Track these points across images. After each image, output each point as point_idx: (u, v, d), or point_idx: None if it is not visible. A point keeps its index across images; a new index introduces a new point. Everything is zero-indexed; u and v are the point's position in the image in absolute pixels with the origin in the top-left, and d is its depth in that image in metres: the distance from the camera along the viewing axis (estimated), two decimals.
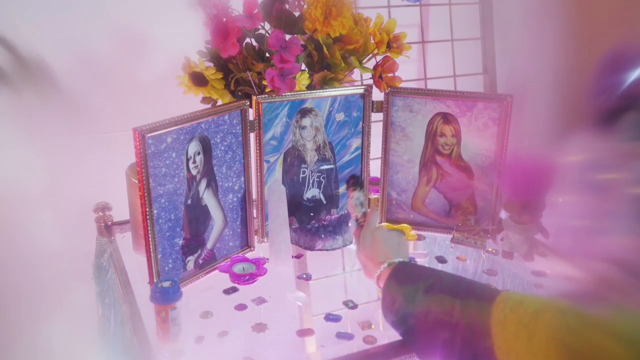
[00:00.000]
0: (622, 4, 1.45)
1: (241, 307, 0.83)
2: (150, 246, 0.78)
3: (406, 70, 1.44)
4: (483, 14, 1.49)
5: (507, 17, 1.58)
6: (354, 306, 0.84)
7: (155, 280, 0.80)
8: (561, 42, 1.58)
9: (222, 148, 0.86)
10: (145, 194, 0.76)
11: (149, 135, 0.75)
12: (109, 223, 1.04)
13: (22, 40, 1.14)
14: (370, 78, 0.97)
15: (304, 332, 0.79)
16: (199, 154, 0.83)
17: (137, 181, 0.87)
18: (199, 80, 0.93)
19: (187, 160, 0.81)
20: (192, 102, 1.00)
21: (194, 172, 0.83)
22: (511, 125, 1.16)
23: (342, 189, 1.01)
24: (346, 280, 0.96)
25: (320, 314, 0.83)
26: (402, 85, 0.99)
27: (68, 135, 1.22)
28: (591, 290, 0.64)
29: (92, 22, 1.27)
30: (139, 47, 1.34)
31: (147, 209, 0.76)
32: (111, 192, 1.13)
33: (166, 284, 0.72)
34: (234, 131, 0.87)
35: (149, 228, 0.77)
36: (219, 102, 0.98)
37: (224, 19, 0.91)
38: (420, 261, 0.93)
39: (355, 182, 0.93)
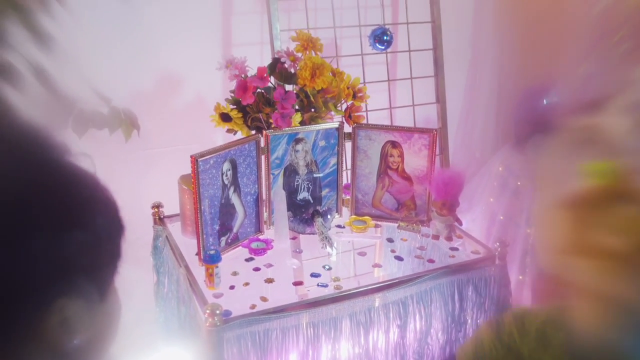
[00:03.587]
0: (544, 51, 1.89)
1: (257, 269, 1.27)
2: (199, 229, 1.22)
3: (378, 99, 1.90)
4: (436, 57, 1.92)
5: (454, 60, 2.01)
6: (330, 268, 1.29)
7: (202, 252, 1.24)
8: (494, 79, 2.03)
9: (244, 166, 1.31)
10: (197, 196, 1.20)
11: (199, 159, 1.19)
12: (162, 216, 1.48)
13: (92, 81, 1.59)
14: (342, 117, 1.42)
15: (297, 283, 1.23)
16: (229, 170, 1.27)
17: (186, 187, 1.32)
18: (226, 117, 1.37)
19: (222, 174, 1.25)
20: (210, 124, 1.41)
21: (226, 182, 1.27)
22: (462, 139, 1.61)
23: (324, 192, 1.45)
24: (324, 253, 1.41)
25: (307, 272, 1.28)
26: (374, 111, 1.43)
27: (127, 152, 1.65)
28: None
29: (145, 64, 1.71)
30: (176, 83, 1.80)
31: (198, 206, 1.20)
32: (157, 193, 1.57)
33: (212, 251, 1.17)
34: (251, 154, 1.32)
35: (198, 218, 1.21)
36: (239, 132, 1.42)
37: (242, 76, 1.36)
38: (375, 242, 1.38)
39: (317, 213, 1.38)
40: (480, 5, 2.07)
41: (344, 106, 1.41)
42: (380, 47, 1.78)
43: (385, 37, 1.77)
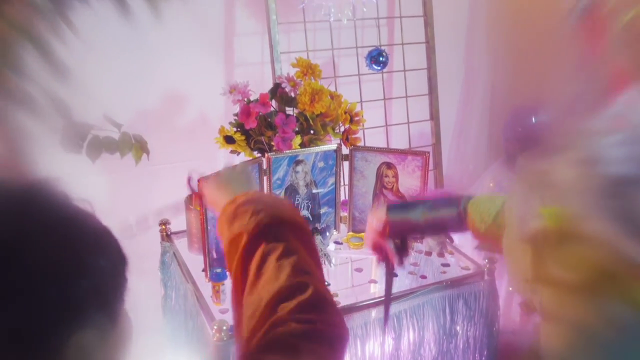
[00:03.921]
0: (534, 71, 1.97)
1: None
2: (206, 248, 1.30)
3: (375, 117, 1.98)
4: (430, 76, 2.00)
5: (448, 79, 2.10)
6: (329, 284, 1.36)
7: (209, 269, 1.32)
8: (487, 97, 2.11)
9: None
10: (204, 217, 1.28)
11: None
12: (169, 233, 1.56)
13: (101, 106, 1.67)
14: (340, 139, 1.50)
15: None
16: None
17: (192, 207, 1.40)
18: (229, 140, 1.45)
19: None
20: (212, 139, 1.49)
21: None
22: (455, 154, 1.69)
23: (323, 210, 1.53)
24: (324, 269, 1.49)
25: None
26: (371, 129, 1.51)
27: (133, 168, 1.71)
28: None
29: (150, 83, 1.78)
30: (181, 102, 1.88)
31: (205, 226, 1.28)
32: (162, 207, 1.65)
33: (218, 270, 1.25)
34: (255, 176, 1.40)
35: (205, 238, 1.29)
36: (242, 153, 1.50)
37: (245, 100, 1.43)
38: (370, 258, 1.46)
39: (316, 230, 1.45)
40: (473, 27, 2.15)
41: (342, 129, 1.49)
42: (376, 67, 1.86)
43: (381, 58, 1.86)
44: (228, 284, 1.28)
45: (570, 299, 0.70)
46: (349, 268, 1.47)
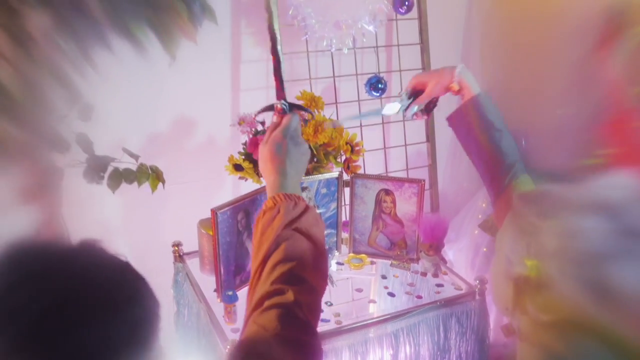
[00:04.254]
0: (524, 96, 2.07)
1: None
2: (218, 271, 1.41)
3: (374, 139, 2.09)
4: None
5: (443, 103, 2.19)
6: (331, 304, 1.47)
7: (221, 290, 1.42)
8: None
9: (256, 214, 1.49)
10: (217, 243, 1.38)
11: (218, 212, 1.37)
12: (181, 254, 1.66)
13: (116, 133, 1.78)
14: (342, 168, 1.61)
15: None
16: (243, 218, 1.45)
17: (204, 231, 1.51)
18: (238, 167, 1.56)
19: (237, 222, 1.44)
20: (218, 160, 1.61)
21: (240, 229, 1.45)
22: (451, 174, 1.79)
23: (325, 232, 1.64)
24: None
25: None
26: (370, 151, 1.62)
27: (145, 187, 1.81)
28: None
29: (161, 109, 1.89)
30: (189, 125, 1.98)
31: (217, 252, 1.39)
32: (173, 227, 1.75)
33: (230, 292, 1.35)
34: (261, 203, 1.49)
35: (218, 262, 1.40)
36: (249, 179, 1.60)
37: (252, 130, 1.54)
38: (370, 278, 1.57)
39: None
40: (467, 53, 2.26)
41: (343, 158, 1.60)
42: (375, 94, 1.97)
43: (379, 85, 1.96)
44: (239, 304, 1.39)
45: (542, 330, 0.83)
46: (349, 288, 1.58)
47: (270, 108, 1.17)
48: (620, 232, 0.75)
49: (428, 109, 1.40)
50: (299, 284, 0.91)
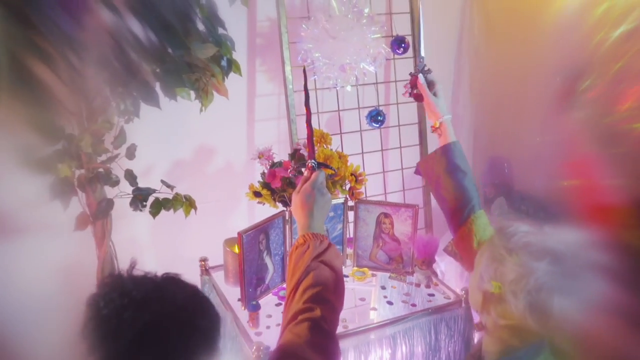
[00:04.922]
0: (509, 124, 2.32)
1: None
2: (243, 283, 1.66)
3: (374, 163, 2.34)
4: (420, 130, 2.36)
5: None
6: None
7: (245, 300, 1.67)
8: (469, 147, 2.46)
9: (274, 234, 1.74)
10: (242, 261, 1.63)
11: (244, 234, 1.63)
12: (207, 268, 1.91)
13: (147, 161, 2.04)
14: (347, 195, 1.86)
15: None
16: (264, 239, 1.71)
17: (229, 249, 1.76)
18: (257, 194, 1.82)
19: (259, 242, 1.69)
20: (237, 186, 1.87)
21: (261, 248, 1.70)
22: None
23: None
24: None
25: None
26: (371, 175, 1.87)
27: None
28: None
29: (186, 141, 2.16)
30: (210, 152, 2.23)
31: (242, 268, 1.64)
32: (197, 241, 2.01)
33: (254, 302, 1.61)
34: (279, 226, 1.75)
35: (243, 277, 1.65)
36: (267, 204, 1.86)
37: (269, 162, 1.80)
38: (371, 289, 1.82)
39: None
40: (458, 83, 2.53)
41: (348, 186, 1.85)
42: (375, 125, 2.23)
43: (379, 117, 2.22)
44: (262, 312, 1.65)
45: (501, 329, 1.15)
46: (354, 297, 1.83)
47: (303, 165, 1.43)
48: (561, 273, 1.03)
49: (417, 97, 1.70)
50: (324, 303, 1.16)
